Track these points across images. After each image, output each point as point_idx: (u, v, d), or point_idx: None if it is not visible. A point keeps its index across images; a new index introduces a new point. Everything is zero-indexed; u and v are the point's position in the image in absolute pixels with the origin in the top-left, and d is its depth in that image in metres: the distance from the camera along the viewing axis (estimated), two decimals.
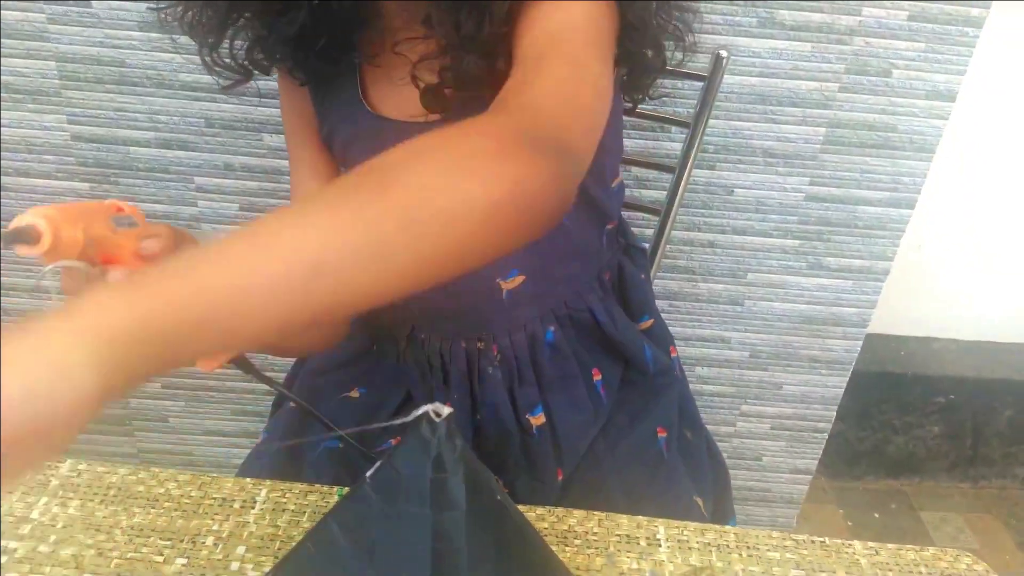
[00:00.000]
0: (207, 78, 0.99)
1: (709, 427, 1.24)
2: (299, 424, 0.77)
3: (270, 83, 0.98)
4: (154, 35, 0.97)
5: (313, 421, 0.77)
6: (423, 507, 0.37)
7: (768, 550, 0.54)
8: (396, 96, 0.64)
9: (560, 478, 0.72)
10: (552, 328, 0.71)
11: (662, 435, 0.75)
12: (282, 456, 0.74)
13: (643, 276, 0.80)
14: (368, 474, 0.39)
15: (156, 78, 1.00)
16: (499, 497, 0.40)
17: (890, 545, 0.54)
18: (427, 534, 0.36)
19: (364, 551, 0.38)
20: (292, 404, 0.78)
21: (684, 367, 1.10)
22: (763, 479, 1.31)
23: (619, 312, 0.75)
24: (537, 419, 0.71)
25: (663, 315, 0.83)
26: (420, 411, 0.37)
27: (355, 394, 0.76)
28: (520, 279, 0.69)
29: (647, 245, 0.87)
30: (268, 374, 1.25)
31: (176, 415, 1.26)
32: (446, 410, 0.38)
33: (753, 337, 1.18)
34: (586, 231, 0.72)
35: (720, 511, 0.77)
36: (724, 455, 1.27)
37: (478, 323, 0.70)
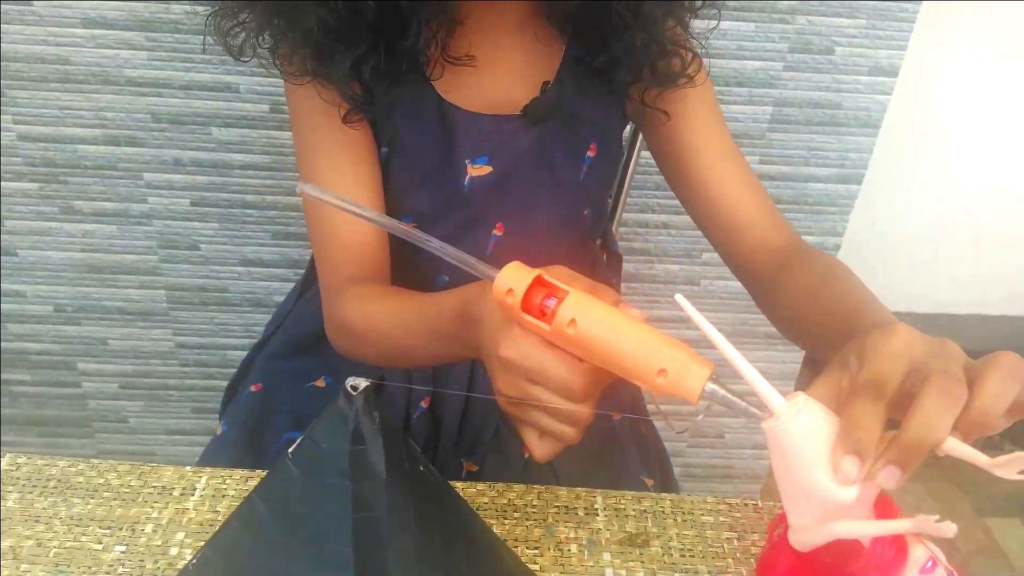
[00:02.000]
0: (153, 73, 0.99)
1: (671, 407, 1.27)
2: (260, 410, 0.76)
3: (216, 76, 0.98)
4: (98, 32, 0.96)
5: (274, 411, 0.77)
6: (343, 479, 0.37)
7: (702, 514, 0.55)
8: (466, 87, 0.65)
9: (526, 455, 0.73)
10: None
11: (616, 418, 0.77)
12: (241, 447, 0.74)
13: (614, 280, 0.83)
14: (290, 450, 0.39)
15: (101, 75, 0.99)
16: (421, 467, 0.40)
17: None
18: (348, 505, 0.37)
19: (288, 525, 0.38)
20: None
21: None
22: (726, 456, 1.33)
23: None
24: None
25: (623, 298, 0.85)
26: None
27: (321, 384, 0.76)
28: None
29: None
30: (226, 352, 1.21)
31: (136, 415, 1.25)
32: (363, 383, 0.38)
33: (710, 316, 1.18)
34: (594, 233, 0.79)
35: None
36: (686, 433, 1.30)
37: None
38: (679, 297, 0.39)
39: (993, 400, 0.35)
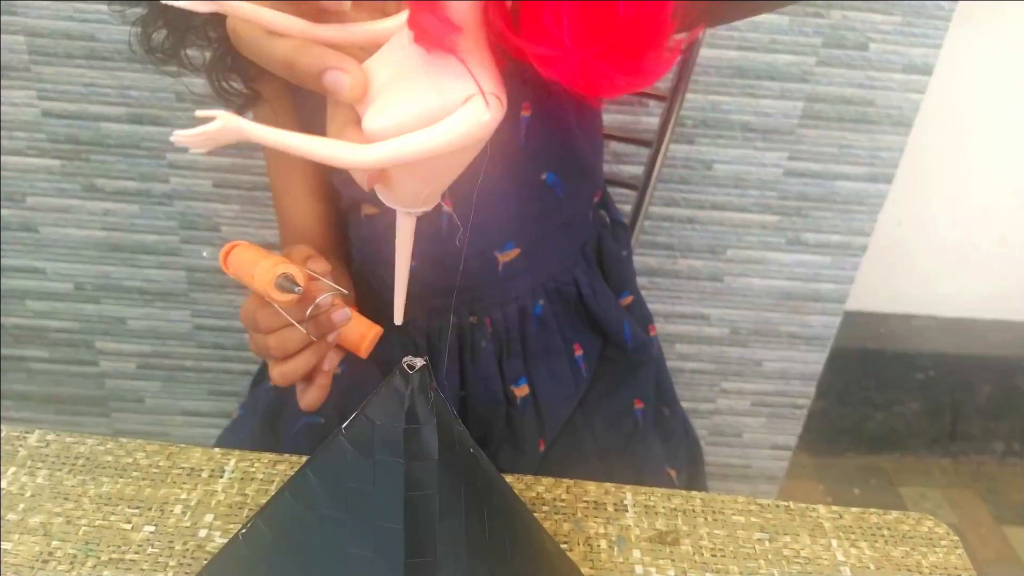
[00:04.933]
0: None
1: (690, 404, 1.26)
2: (278, 401, 0.76)
3: None
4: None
5: (291, 399, 0.77)
6: (396, 457, 0.37)
7: (733, 514, 0.54)
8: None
9: (542, 448, 0.72)
10: (541, 302, 0.72)
11: (639, 407, 0.76)
12: (258, 432, 0.74)
13: (624, 252, 0.81)
14: (343, 426, 0.39)
15: (126, 52, 0.98)
16: (472, 450, 0.40)
17: (853, 509, 0.55)
18: (400, 483, 0.37)
19: (340, 499, 0.38)
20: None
21: (664, 344, 1.09)
22: (744, 456, 1.32)
23: (601, 286, 0.76)
24: (521, 390, 0.72)
25: (643, 292, 0.83)
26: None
27: (336, 370, 0.76)
28: (515, 252, 0.69)
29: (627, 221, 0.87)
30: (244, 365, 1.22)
31: (152, 396, 1.25)
32: (419, 362, 0.38)
33: (733, 314, 1.19)
34: (578, 202, 0.73)
35: (693, 488, 0.78)
36: (704, 431, 1.29)
37: (472, 298, 0.70)
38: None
39: None
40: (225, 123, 0.26)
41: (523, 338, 0.72)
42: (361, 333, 0.54)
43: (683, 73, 0.83)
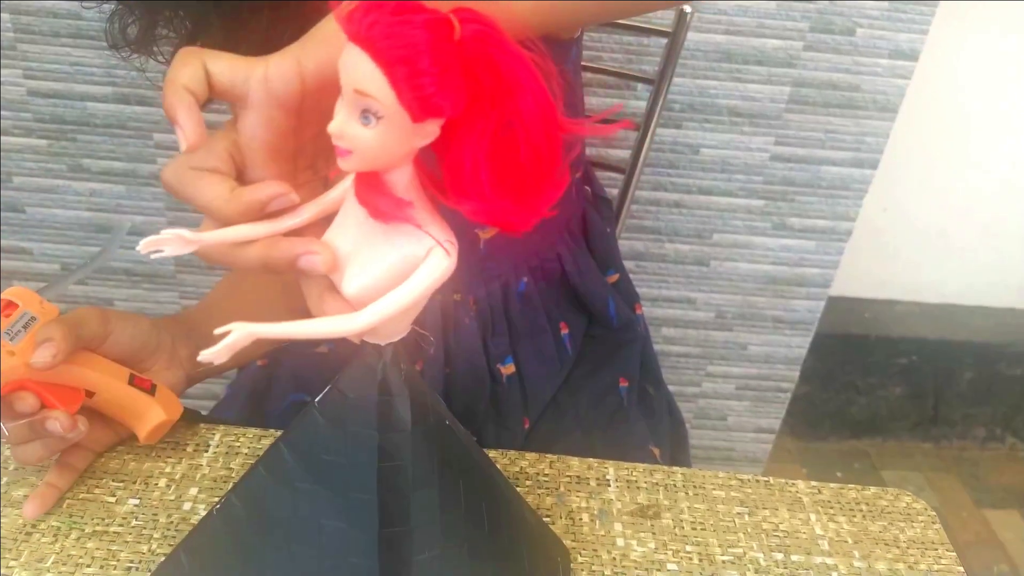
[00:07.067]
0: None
1: (675, 387, 1.27)
2: (265, 381, 0.76)
3: None
4: None
5: (278, 378, 0.77)
6: (369, 429, 0.37)
7: (714, 489, 0.55)
8: None
9: (526, 427, 0.73)
10: (524, 279, 0.72)
11: (623, 384, 0.76)
12: (246, 411, 0.74)
13: (608, 229, 0.81)
14: (316, 399, 0.39)
15: None
16: (447, 421, 0.40)
17: (832, 484, 0.55)
18: (373, 454, 0.37)
19: (313, 472, 0.38)
20: None
21: (651, 327, 1.10)
22: (728, 439, 1.33)
23: (587, 262, 0.76)
24: (507, 368, 0.72)
25: (630, 275, 0.84)
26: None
27: (324, 349, 0.76)
28: (496, 229, 0.69)
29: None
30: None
31: None
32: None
33: (718, 298, 1.19)
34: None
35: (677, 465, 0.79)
36: (690, 415, 1.30)
37: (455, 275, 0.70)
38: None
39: None
40: (239, 332, 0.31)
41: (507, 316, 0.72)
42: (140, 415, 0.49)
43: (671, 57, 0.83)
